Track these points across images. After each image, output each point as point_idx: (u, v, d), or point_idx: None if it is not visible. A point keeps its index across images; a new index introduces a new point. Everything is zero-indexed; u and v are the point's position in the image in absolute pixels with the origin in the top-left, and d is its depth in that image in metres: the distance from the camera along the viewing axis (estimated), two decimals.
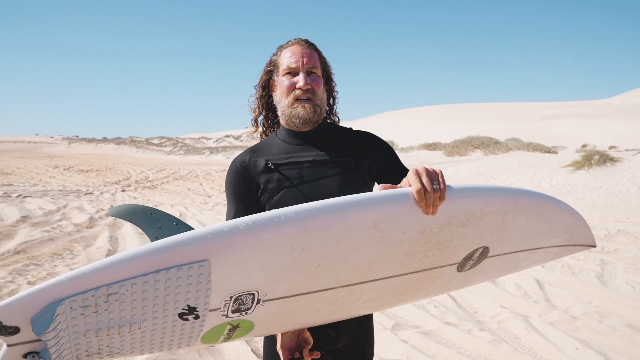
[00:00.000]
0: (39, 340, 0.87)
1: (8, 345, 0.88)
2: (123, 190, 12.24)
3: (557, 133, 34.09)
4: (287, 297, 1.06)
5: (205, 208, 9.34)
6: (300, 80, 1.33)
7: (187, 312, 0.96)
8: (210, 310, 0.99)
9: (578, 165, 13.99)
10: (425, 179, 1.02)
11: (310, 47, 1.38)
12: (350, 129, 1.48)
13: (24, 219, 6.98)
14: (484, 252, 1.24)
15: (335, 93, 1.49)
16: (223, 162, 28.20)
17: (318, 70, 1.37)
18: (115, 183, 14.49)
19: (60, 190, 11.49)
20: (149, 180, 15.60)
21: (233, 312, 1.02)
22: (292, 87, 1.34)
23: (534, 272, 4.71)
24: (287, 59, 1.36)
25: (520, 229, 1.25)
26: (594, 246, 1.51)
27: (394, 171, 1.39)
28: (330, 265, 1.03)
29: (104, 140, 56.25)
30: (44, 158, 27.58)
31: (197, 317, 0.98)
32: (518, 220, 1.22)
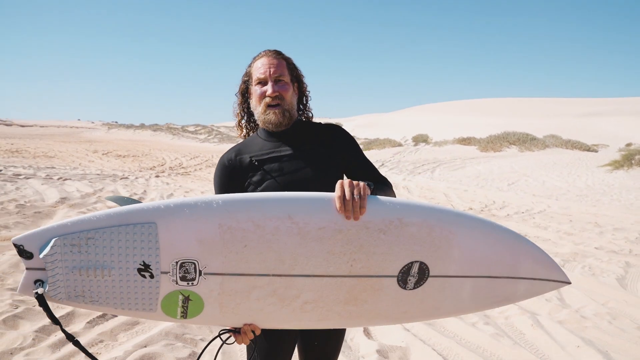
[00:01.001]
0: (44, 269, 1.21)
1: (26, 269, 1.22)
2: (157, 176, 12.68)
3: (600, 131, 32.68)
4: (224, 274, 1.26)
5: None
6: (268, 89, 1.51)
7: (143, 268, 1.24)
8: (162, 273, 1.24)
9: (617, 164, 13.45)
10: (347, 189, 1.23)
11: (277, 57, 1.55)
12: (320, 123, 1.64)
13: (62, 200, 7.40)
14: (423, 268, 1.33)
15: (308, 93, 1.65)
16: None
17: (285, 77, 1.54)
18: (150, 169, 15.00)
19: (98, 174, 12.02)
20: (183, 167, 16.06)
21: (181, 279, 1.25)
22: (263, 95, 1.52)
23: None
24: (257, 70, 1.54)
25: (461, 250, 1.34)
26: (568, 283, 1.46)
27: (358, 162, 1.59)
28: (256, 247, 1.26)
29: (142, 126, 57.90)
30: (85, 143, 28.73)
31: (152, 275, 1.24)
32: (452, 238, 1.32)
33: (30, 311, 3.14)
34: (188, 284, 1.26)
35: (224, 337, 1.38)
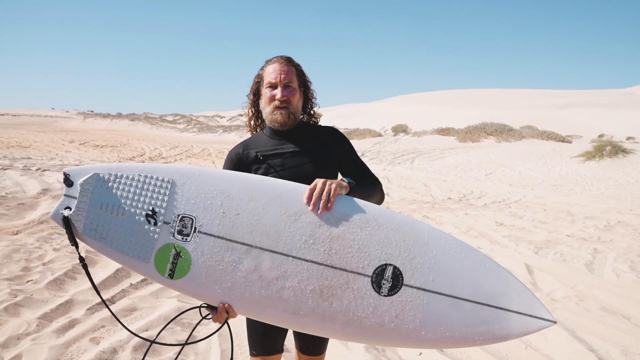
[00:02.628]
0: (76, 198, 1.47)
1: (64, 195, 1.48)
2: None
3: (574, 122, 33.59)
4: (216, 236, 1.44)
5: None
6: (278, 93, 1.68)
7: (151, 214, 1.47)
8: (164, 222, 1.46)
9: (589, 155, 13.96)
10: (319, 185, 1.46)
11: (289, 64, 1.71)
12: (320, 125, 1.82)
13: (44, 191, 7.34)
14: (397, 274, 1.39)
15: (314, 99, 1.82)
16: (236, 141, 28.30)
17: (294, 84, 1.70)
18: (129, 159, 14.87)
19: (77, 165, 11.88)
20: (162, 157, 15.96)
21: (178, 232, 1.45)
22: (272, 98, 1.69)
23: (525, 258, 4.93)
24: (269, 74, 1.70)
25: (438, 264, 1.38)
26: (554, 322, 1.35)
27: (353, 161, 1.77)
28: (247, 217, 1.46)
29: (119, 116, 56.82)
30: (60, 132, 28.13)
31: (155, 222, 1.46)
32: (426, 250, 1.39)
33: (30, 300, 3.22)
34: (183, 238, 1.44)
35: (204, 312, 1.51)
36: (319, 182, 1.46)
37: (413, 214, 7.30)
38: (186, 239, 1.44)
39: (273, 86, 1.69)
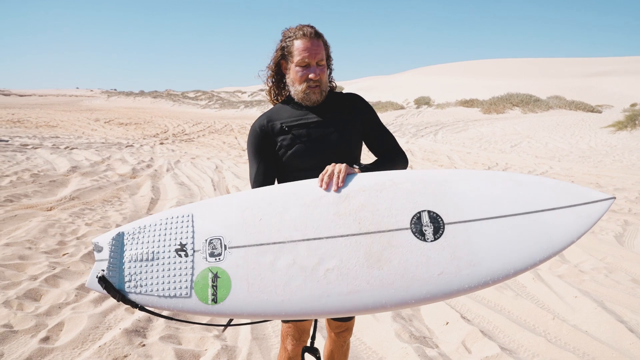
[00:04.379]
0: (107, 260, 1.46)
1: (96, 261, 1.46)
2: (161, 143, 12.80)
3: (605, 91, 32.31)
4: (246, 245, 1.43)
5: (240, 161, 9.75)
6: (312, 73, 1.65)
7: (180, 248, 1.46)
8: (195, 251, 1.46)
9: (620, 125, 13.49)
10: (330, 168, 1.50)
11: (318, 39, 1.66)
12: (341, 93, 1.79)
13: (74, 169, 7.55)
14: (434, 216, 1.37)
15: (332, 67, 1.78)
16: (258, 116, 28.19)
17: (324, 61, 1.68)
18: (154, 136, 15.08)
19: (103, 143, 12.14)
20: (186, 134, 16.13)
21: (210, 255, 1.45)
22: (305, 78, 1.65)
23: None
24: (300, 52, 1.64)
25: (467, 194, 1.37)
26: (613, 198, 1.27)
27: (375, 128, 1.77)
28: (269, 219, 1.47)
29: (141, 93, 57.41)
30: (85, 111, 28.62)
31: (187, 254, 1.45)
32: (449, 187, 1.41)
33: (67, 272, 3.37)
34: (216, 259, 1.43)
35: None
36: (328, 167, 1.51)
37: None
38: (219, 259, 1.43)
39: (306, 66, 1.65)
